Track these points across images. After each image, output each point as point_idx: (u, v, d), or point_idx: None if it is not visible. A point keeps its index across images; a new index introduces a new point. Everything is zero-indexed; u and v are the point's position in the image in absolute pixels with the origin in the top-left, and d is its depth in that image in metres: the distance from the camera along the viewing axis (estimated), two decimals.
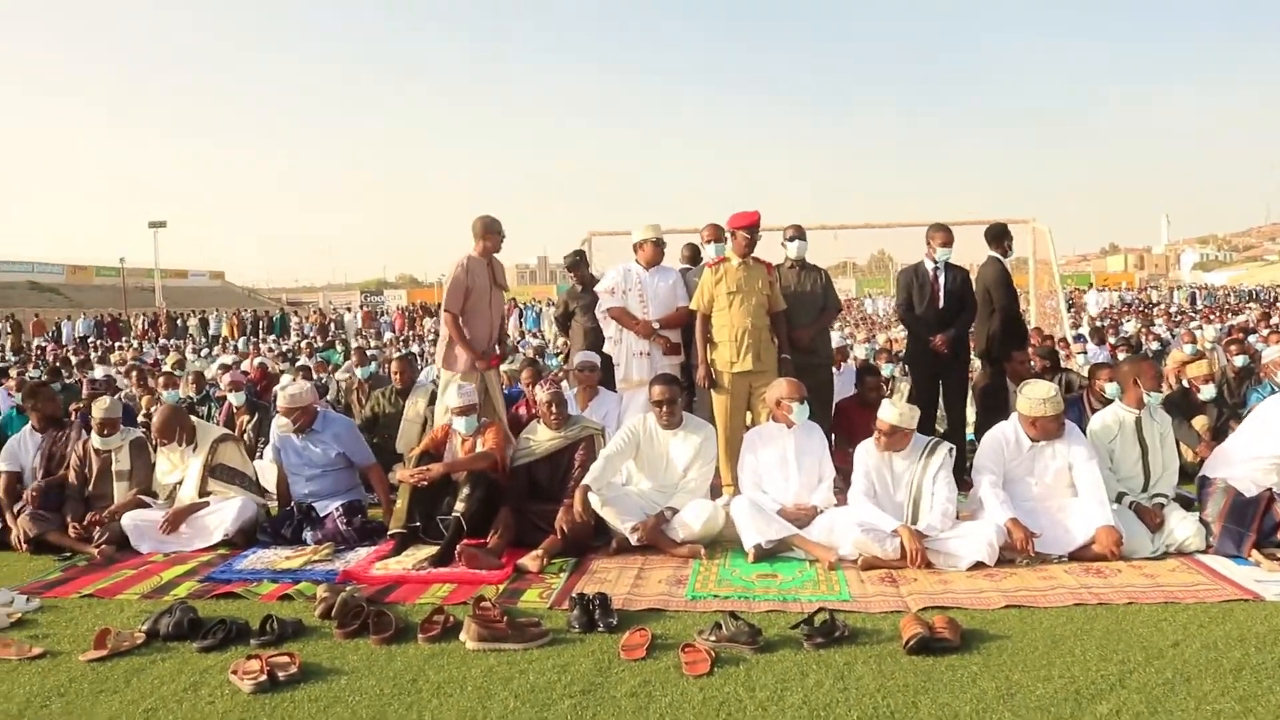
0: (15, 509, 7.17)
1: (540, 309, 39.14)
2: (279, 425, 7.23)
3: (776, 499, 6.36)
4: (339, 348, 22.78)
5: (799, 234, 8.07)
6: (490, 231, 7.62)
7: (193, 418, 7.58)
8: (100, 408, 7.47)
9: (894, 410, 6.08)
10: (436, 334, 27.73)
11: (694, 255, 8.96)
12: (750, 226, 7.44)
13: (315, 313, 48.13)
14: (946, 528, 5.77)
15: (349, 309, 50.37)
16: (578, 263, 9.41)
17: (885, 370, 10.22)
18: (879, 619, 4.85)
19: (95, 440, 7.38)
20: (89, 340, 37.77)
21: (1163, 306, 38.25)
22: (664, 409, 6.50)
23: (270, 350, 22.27)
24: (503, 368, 8.66)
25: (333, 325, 38.89)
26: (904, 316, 8.27)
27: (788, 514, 6.21)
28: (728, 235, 7.62)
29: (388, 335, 31.64)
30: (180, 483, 7.19)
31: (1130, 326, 22.84)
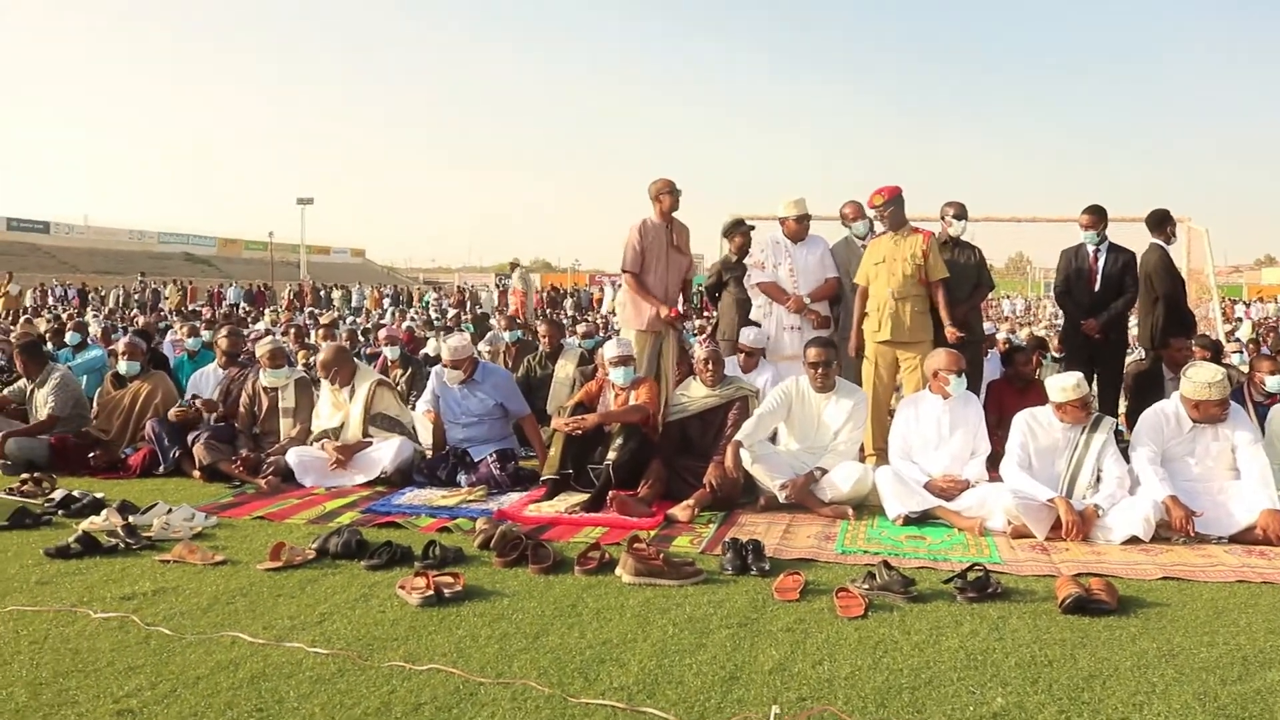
0: (191, 438, 7.58)
1: None
2: (448, 378, 7.49)
3: (926, 469, 6.35)
4: (473, 327, 23.29)
5: (962, 213, 7.99)
6: (663, 193, 7.70)
7: (357, 361, 7.94)
8: (268, 344, 8.04)
9: (1071, 379, 6.00)
10: (574, 315, 28.24)
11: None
12: (874, 206, 7.51)
13: (456, 290, 49.25)
14: (1117, 502, 5.70)
15: (485, 288, 51.41)
16: (735, 228, 9.30)
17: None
18: (1031, 581, 4.83)
19: (265, 377, 7.81)
20: (238, 306, 39.35)
21: None
22: (819, 371, 6.55)
23: (413, 319, 22.92)
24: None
25: (470, 302, 39.79)
26: (1058, 297, 8.15)
27: (935, 486, 6.19)
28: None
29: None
30: (343, 426, 7.54)
31: None
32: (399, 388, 9.63)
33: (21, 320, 18.91)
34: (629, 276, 7.69)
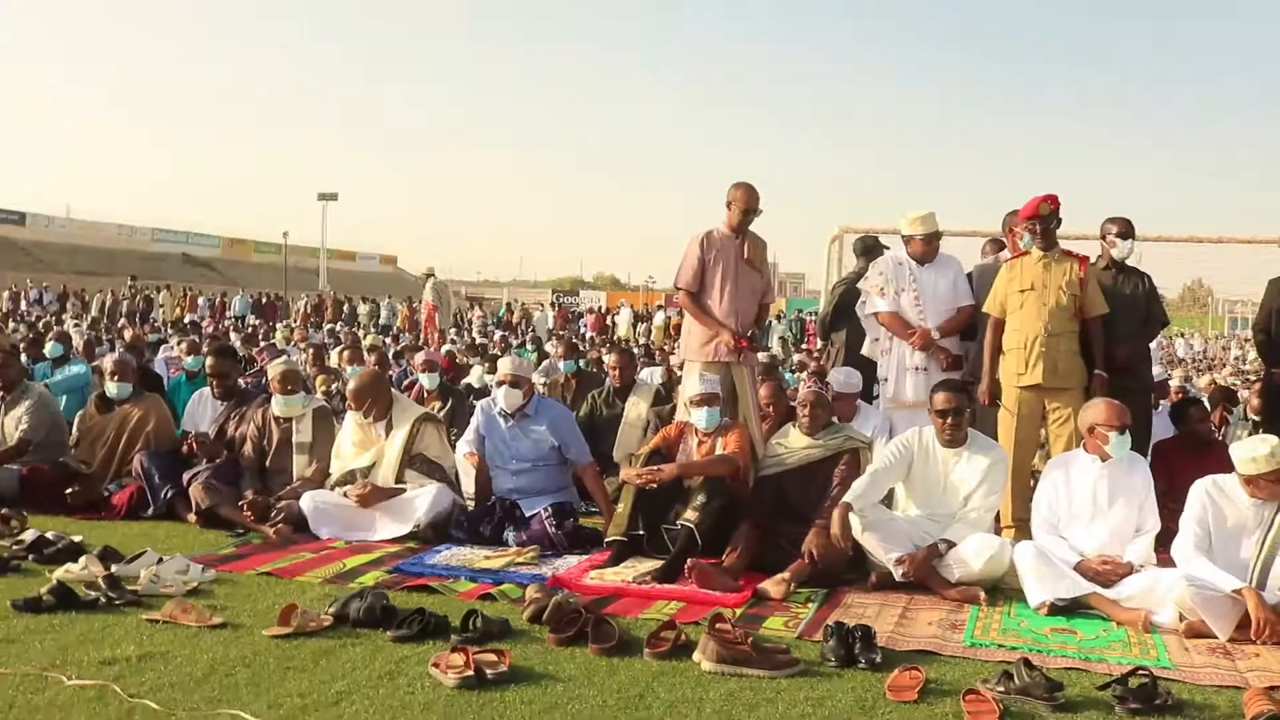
0: (187, 476, 7.73)
1: (769, 322, 39.33)
2: (505, 400, 7.53)
3: (1077, 547, 6.25)
4: (530, 348, 23.47)
5: (1129, 230, 7.81)
6: (735, 201, 7.75)
7: (394, 391, 8.05)
8: (280, 364, 8.19)
9: (1263, 446, 5.83)
10: (647, 344, 28.35)
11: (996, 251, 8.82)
12: (1030, 218, 7.42)
13: (505, 309, 49.75)
14: None
15: (540, 306, 51.87)
16: (876, 247, 9.08)
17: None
18: (1210, 693, 4.74)
19: (276, 405, 7.95)
20: (244, 319, 40.04)
21: None
22: (948, 421, 6.49)
23: (453, 342, 23.17)
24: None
25: (523, 323, 40.17)
26: (1256, 337, 8.02)
27: (1089, 568, 6.08)
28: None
29: (588, 337, 32.47)
30: (372, 467, 7.65)
31: None
32: None
33: None
34: (684, 296, 7.83)
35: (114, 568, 5.90)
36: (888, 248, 8.99)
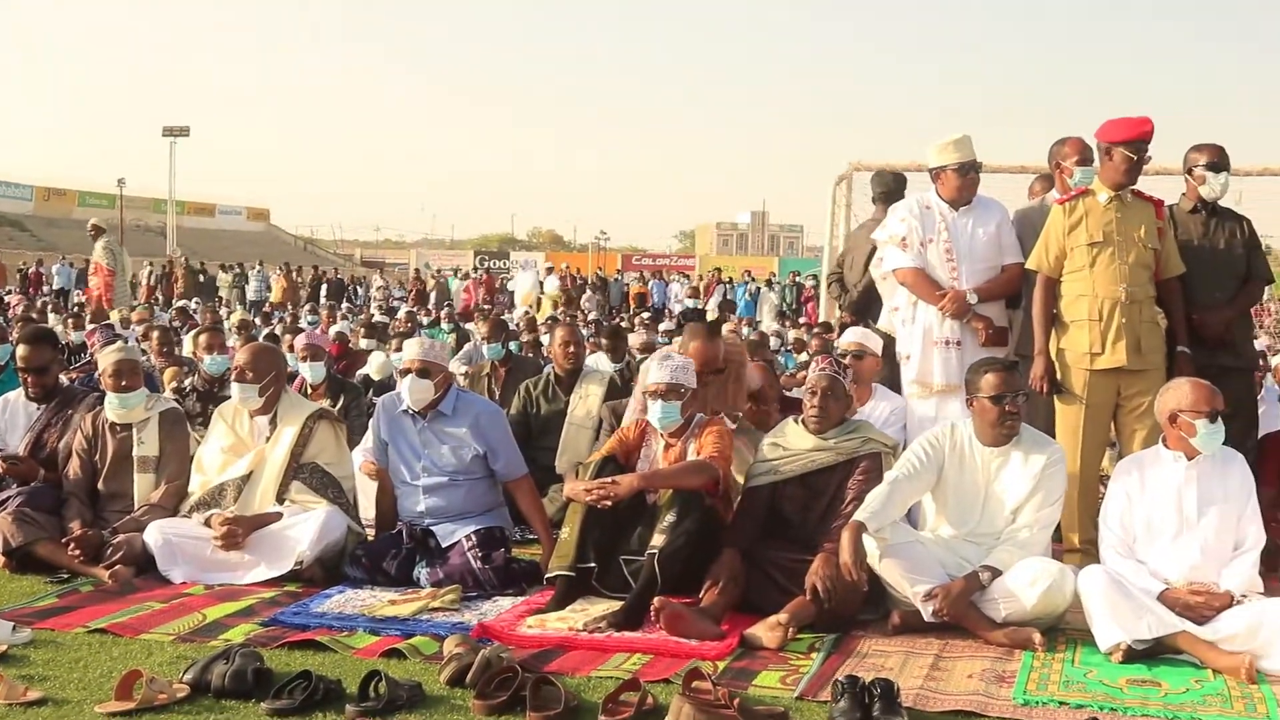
0: None
1: (758, 289, 39.59)
2: (411, 394, 7.48)
3: (1158, 572, 6.29)
4: (446, 327, 23.45)
5: (1223, 162, 7.75)
6: None
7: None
8: (114, 352, 8.08)
9: None
10: (598, 319, 28.30)
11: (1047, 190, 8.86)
12: (1137, 140, 7.36)
13: (412, 277, 49.64)
14: None
15: (458, 273, 51.74)
16: (900, 188, 9.08)
17: None
18: None
19: (111, 407, 7.89)
20: (66, 294, 39.72)
21: None
22: (1004, 409, 6.47)
23: (347, 320, 23.10)
24: None
25: (434, 294, 40.12)
26: None
27: (1176, 599, 6.11)
28: (1098, 154, 7.57)
29: (519, 312, 32.44)
30: (247, 478, 7.64)
31: None
32: None
33: None
34: None
35: None
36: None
